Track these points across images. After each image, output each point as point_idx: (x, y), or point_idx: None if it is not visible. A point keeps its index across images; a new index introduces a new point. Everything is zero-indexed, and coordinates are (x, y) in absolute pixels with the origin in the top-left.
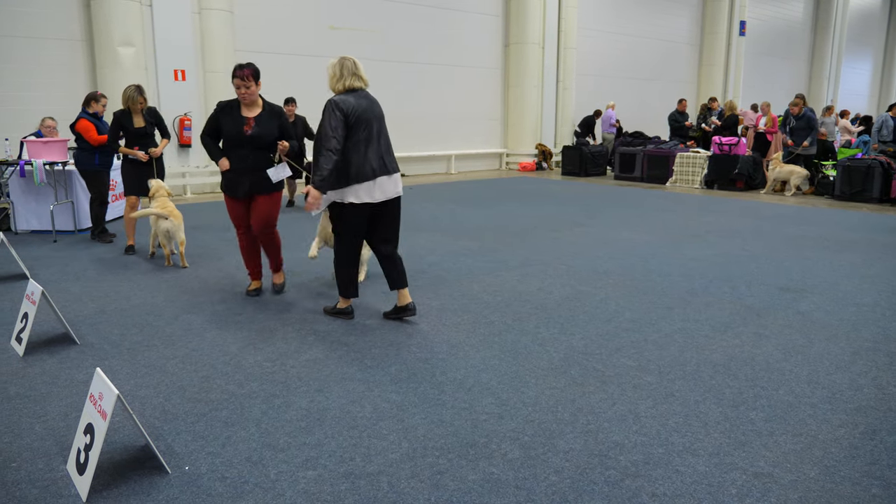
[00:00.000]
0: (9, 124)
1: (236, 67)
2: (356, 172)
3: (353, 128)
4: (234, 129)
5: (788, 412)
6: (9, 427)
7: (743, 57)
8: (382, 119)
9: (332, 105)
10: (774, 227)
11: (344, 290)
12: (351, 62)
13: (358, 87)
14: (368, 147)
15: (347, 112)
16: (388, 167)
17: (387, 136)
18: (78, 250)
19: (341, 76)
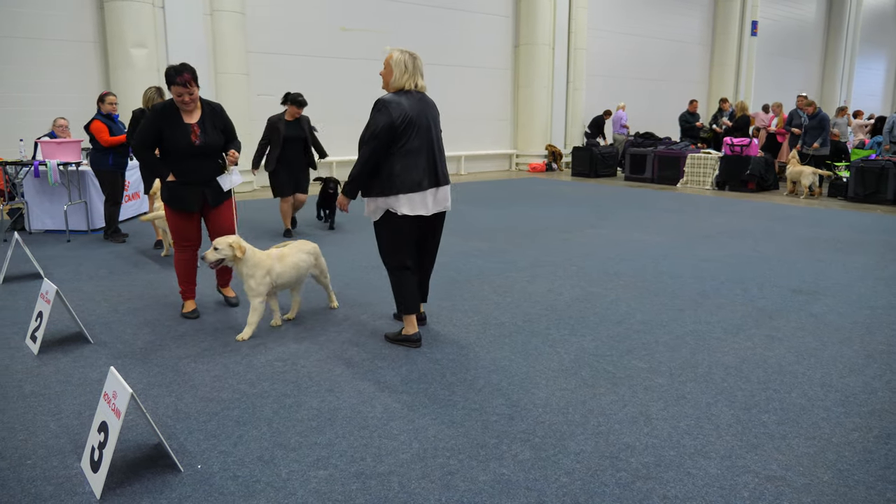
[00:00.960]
0: (23, 125)
1: (173, 73)
2: (408, 181)
3: (404, 133)
4: (180, 140)
5: (801, 415)
6: (24, 424)
7: (754, 57)
8: (437, 125)
9: (382, 105)
10: (787, 229)
11: (406, 305)
12: (421, 61)
13: (419, 87)
14: (420, 155)
15: (397, 116)
16: (441, 178)
17: (440, 143)
18: (91, 250)
19: (409, 72)
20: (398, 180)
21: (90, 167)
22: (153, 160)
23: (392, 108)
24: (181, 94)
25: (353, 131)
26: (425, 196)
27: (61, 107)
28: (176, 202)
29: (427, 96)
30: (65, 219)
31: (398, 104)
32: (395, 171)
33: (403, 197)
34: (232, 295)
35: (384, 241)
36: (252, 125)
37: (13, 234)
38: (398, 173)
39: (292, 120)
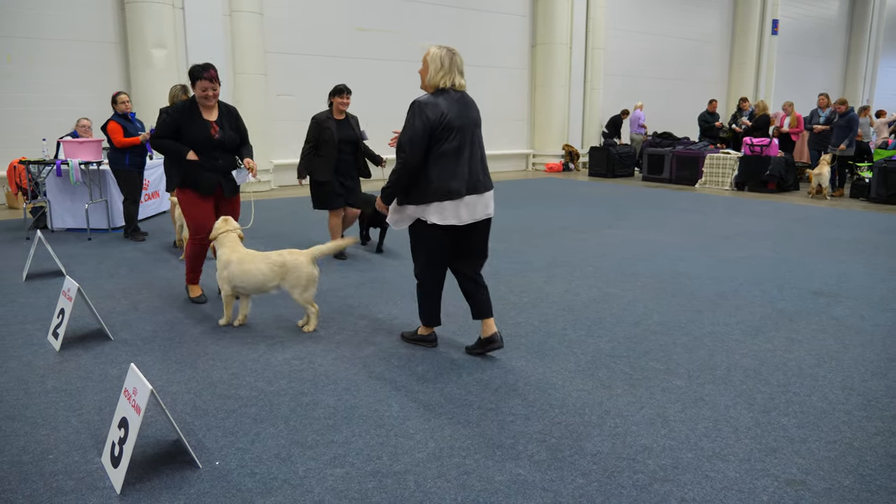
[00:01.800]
0: (46, 125)
1: (199, 69)
2: (440, 188)
3: (441, 136)
4: (201, 135)
5: (822, 419)
6: (46, 420)
7: (775, 56)
8: (478, 127)
9: (417, 108)
10: (807, 230)
11: (429, 318)
12: (460, 58)
13: (458, 86)
14: (458, 159)
15: (434, 118)
16: (479, 185)
17: (481, 147)
18: (111, 248)
19: (445, 69)
20: (433, 187)
21: (109, 166)
22: (173, 144)
23: (428, 110)
24: (206, 89)
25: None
26: (459, 205)
27: (83, 107)
28: (191, 183)
29: (468, 96)
30: (86, 217)
31: (434, 105)
32: (430, 177)
33: (435, 205)
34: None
35: (416, 250)
36: (270, 125)
37: (36, 233)
38: (433, 179)
39: (342, 118)
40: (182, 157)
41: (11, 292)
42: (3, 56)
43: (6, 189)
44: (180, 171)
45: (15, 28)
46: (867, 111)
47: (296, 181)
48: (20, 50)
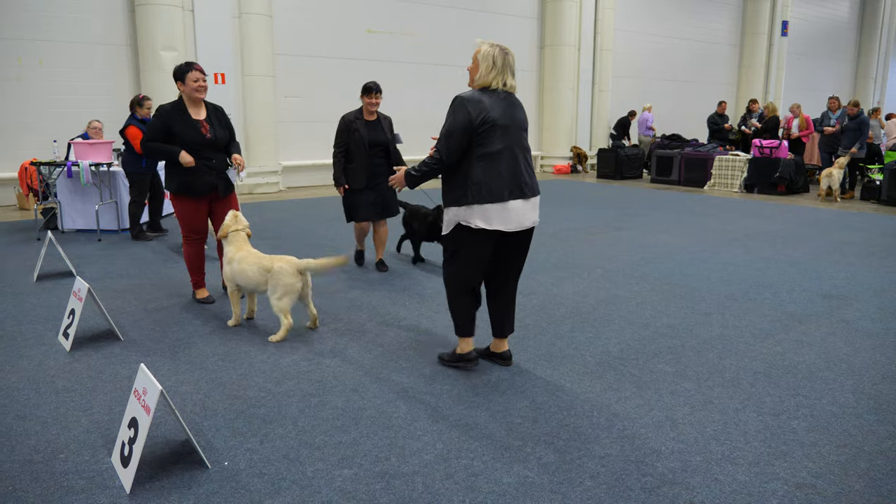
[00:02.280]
0: (56, 126)
1: (185, 64)
2: (486, 191)
3: (485, 136)
4: (193, 134)
5: (832, 422)
6: (56, 419)
7: (785, 58)
8: (524, 129)
9: (459, 103)
10: (817, 232)
11: (462, 327)
12: (513, 57)
13: (508, 87)
14: (501, 161)
15: (476, 115)
16: (526, 189)
17: (528, 150)
18: (121, 249)
19: (498, 69)
20: (476, 189)
21: (122, 168)
22: (163, 146)
23: (470, 106)
24: (198, 80)
25: None
26: (506, 208)
27: (93, 108)
28: (187, 189)
29: (515, 97)
30: (96, 218)
31: (477, 102)
32: (473, 179)
33: (479, 208)
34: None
35: (451, 257)
36: (278, 126)
37: (46, 233)
38: (477, 181)
39: (372, 119)
40: (175, 158)
41: (22, 292)
42: (14, 58)
43: (17, 190)
44: (176, 178)
45: (26, 31)
46: (878, 113)
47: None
48: (31, 52)
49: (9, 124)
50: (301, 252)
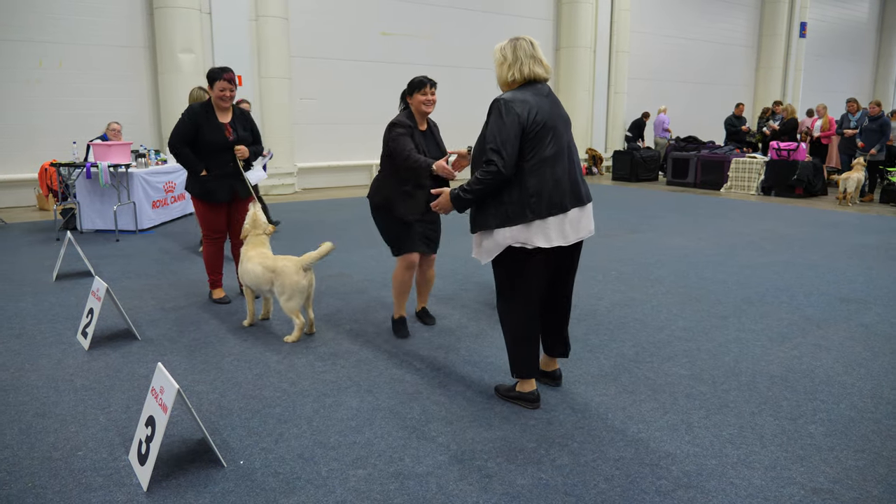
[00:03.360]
0: (76, 128)
1: (219, 70)
2: (543, 203)
3: (536, 139)
4: (216, 137)
5: (850, 427)
6: (75, 417)
7: (803, 59)
8: (569, 125)
9: (503, 105)
10: (835, 236)
11: (523, 368)
12: (527, 42)
13: (539, 76)
14: (556, 166)
15: (525, 116)
16: (583, 195)
17: (576, 149)
18: (139, 249)
19: (515, 59)
20: (533, 201)
21: None
22: (190, 156)
23: (517, 107)
24: (224, 90)
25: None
26: (564, 221)
27: (112, 110)
28: (208, 195)
29: (548, 87)
30: (114, 219)
31: (523, 102)
32: (530, 191)
33: (538, 224)
34: (222, 295)
35: (507, 286)
36: (294, 128)
37: (66, 234)
38: (534, 193)
39: (425, 129)
40: (196, 172)
41: (42, 292)
42: (36, 61)
43: (37, 191)
44: (199, 184)
45: (46, 33)
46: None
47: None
48: (51, 55)
49: (29, 126)
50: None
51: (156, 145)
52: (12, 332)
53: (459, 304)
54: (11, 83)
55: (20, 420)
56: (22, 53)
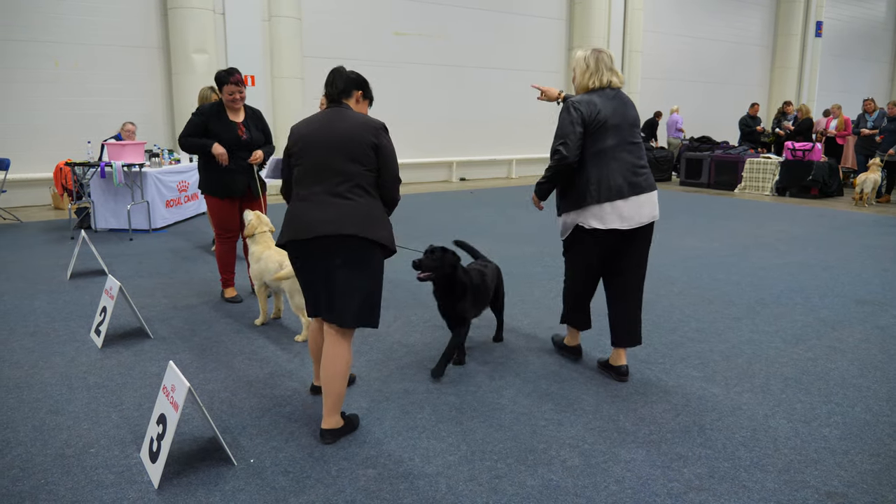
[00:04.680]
0: (91, 127)
1: (225, 74)
2: (599, 189)
3: (597, 135)
4: (229, 134)
5: (865, 430)
6: (87, 415)
7: (819, 59)
8: (636, 126)
9: (569, 106)
10: (851, 237)
11: (570, 315)
12: (607, 55)
13: (614, 84)
14: (616, 159)
15: (588, 115)
16: (643, 184)
17: (640, 146)
18: (152, 248)
19: (592, 70)
20: (592, 188)
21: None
22: (197, 141)
23: (582, 107)
24: (233, 93)
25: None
26: (623, 206)
27: (127, 110)
28: (224, 189)
29: (624, 94)
30: (128, 218)
31: (588, 102)
32: (589, 178)
33: (594, 208)
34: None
35: (568, 260)
36: None
37: (80, 232)
38: (592, 180)
39: None
40: (207, 150)
41: (56, 290)
42: (51, 61)
43: (52, 190)
44: (213, 179)
45: (62, 34)
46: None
47: None
48: (67, 55)
49: (45, 126)
50: None
51: (169, 145)
52: (27, 330)
53: None
54: (28, 83)
55: (34, 417)
56: (38, 54)
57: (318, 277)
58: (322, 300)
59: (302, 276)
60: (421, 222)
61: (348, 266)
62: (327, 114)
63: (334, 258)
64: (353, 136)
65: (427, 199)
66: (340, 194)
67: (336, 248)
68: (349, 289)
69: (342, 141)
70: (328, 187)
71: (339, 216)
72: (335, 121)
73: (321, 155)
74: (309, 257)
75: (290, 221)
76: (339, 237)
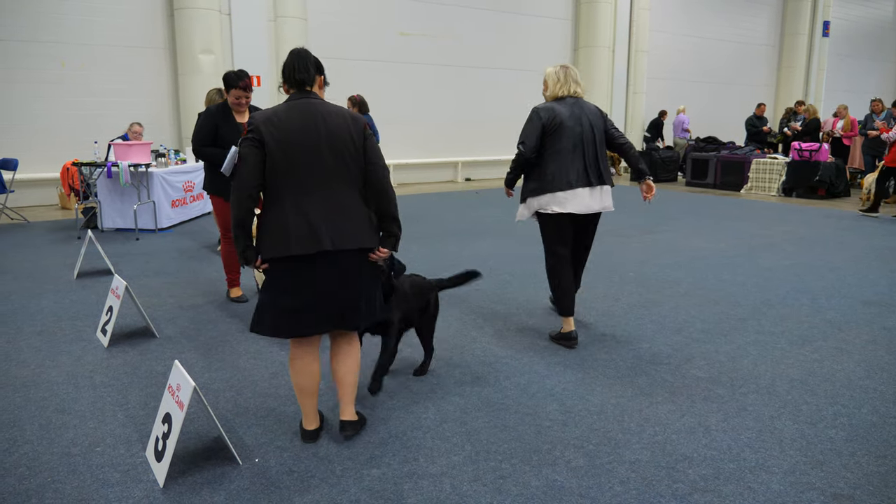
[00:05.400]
0: (97, 128)
1: (234, 77)
2: (555, 181)
3: (555, 135)
4: (236, 136)
5: (871, 432)
6: (93, 413)
7: (826, 59)
8: (596, 128)
9: (534, 112)
10: (858, 238)
11: (558, 301)
12: (574, 71)
13: (574, 94)
14: (572, 155)
15: (547, 120)
16: (594, 179)
17: (596, 145)
18: (158, 248)
19: (562, 82)
20: (550, 179)
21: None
22: (213, 150)
23: (542, 113)
24: (239, 97)
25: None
26: (576, 194)
27: (133, 110)
28: (227, 192)
29: (584, 101)
30: (134, 218)
31: (549, 109)
32: (548, 172)
33: (550, 196)
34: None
35: (543, 240)
36: None
37: (86, 232)
38: (550, 173)
39: None
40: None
41: (63, 289)
42: (57, 62)
43: (59, 190)
44: (220, 181)
45: (69, 35)
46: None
47: None
48: (74, 56)
49: (52, 126)
50: None
51: (175, 145)
52: (34, 329)
53: (474, 304)
54: (34, 84)
55: (40, 416)
56: (45, 55)
57: (328, 291)
58: (333, 314)
59: (300, 291)
60: (426, 223)
61: (368, 275)
62: (303, 106)
63: (351, 270)
64: (342, 132)
65: (432, 200)
66: (342, 201)
67: (356, 260)
68: (370, 296)
69: (332, 139)
70: (326, 193)
71: (354, 227)
72: (317, 115)
73: (310, 155)
74: (314, 271)
75: (283, 231)
76: (360, 250)
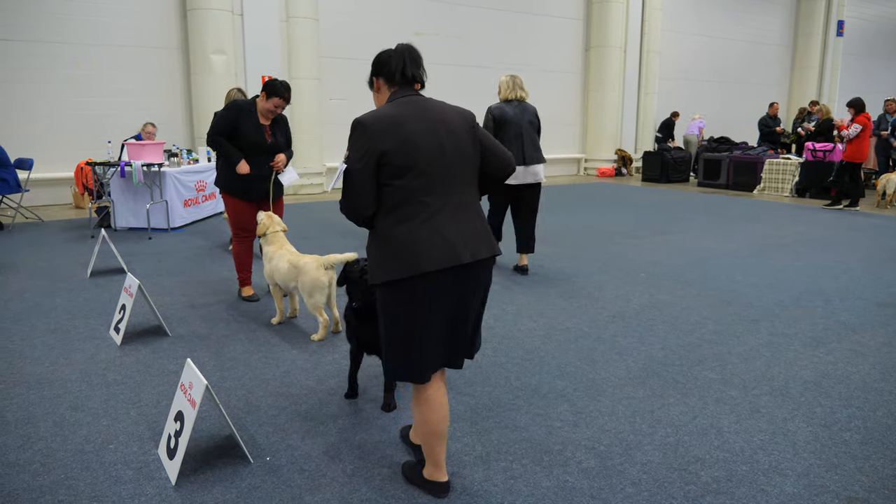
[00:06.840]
0: (111, 127)
1: (281, 87)
2: None
3: (503, 127)
4: (256, 137)
5: (887, 435)
6: (107, 411)
7: (840, 59)
8: (531, 123)
9: (488, 110)
10: (872, 239)
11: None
12: (520, 79)
13: (519, 97)
14: (514, 142)
15: (498, 116)
16: (528, 159)
17: (531, 134)
18: (170, 247)
19: (510, 88)
20: None
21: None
22: (227, 145)
23: (494, 111)
24: (278, 106)
25: None
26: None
27: (146, 110)
28: (241, 193)
29: (526, 103)
30: (147, 217)
31: (500, 108)
32: None
33: None
34: (251, 293)
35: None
36: (323, 129)
37: (100, 231)
38: None
39: None
40: (232, 163)
41: (76, 288)
42: (72, 62)
43: (73, 189)
44: (233, 182)
45: (83, 35)
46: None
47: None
48: (88, 56)
49: (66, 126)
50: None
51: (188, 145)
52: (48, 327)
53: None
54: (49, 83)
55: (54, 413)
56: (60, 55)
57: (470, 309)
58: (465, 337)
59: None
60: None
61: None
62: (417, 107)
63: (483, 283)
64: (460, 131)
65: None
66: (470, 206)
67: (487, 271)
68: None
69: (453, 138)
70: (458, 198)
71: (486, 233)
72: (436, 116)
73: (440, 161)
74: (464, 287)
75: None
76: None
